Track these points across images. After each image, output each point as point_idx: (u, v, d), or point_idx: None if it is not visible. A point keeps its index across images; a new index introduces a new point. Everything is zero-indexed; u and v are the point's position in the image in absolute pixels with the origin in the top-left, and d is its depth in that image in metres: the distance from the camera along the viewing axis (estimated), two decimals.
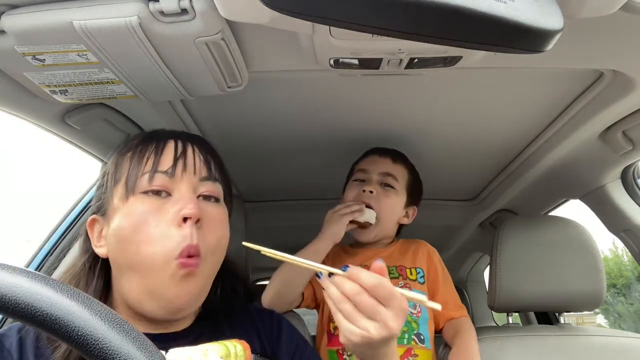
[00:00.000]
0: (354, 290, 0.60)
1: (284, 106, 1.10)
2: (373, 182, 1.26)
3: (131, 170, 0.71)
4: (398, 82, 0.96)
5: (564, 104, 1.06)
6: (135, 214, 0.68)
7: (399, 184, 1.28)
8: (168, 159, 0.71)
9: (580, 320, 8.14)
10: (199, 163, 0.73)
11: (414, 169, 1.34)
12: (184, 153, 0.73)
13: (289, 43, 0.74)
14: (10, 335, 0.68)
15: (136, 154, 0.72)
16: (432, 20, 0.48)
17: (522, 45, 0.52)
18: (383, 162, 1.29)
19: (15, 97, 0.82)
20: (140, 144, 0.74)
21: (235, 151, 1.35)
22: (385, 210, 1.25)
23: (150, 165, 0.70)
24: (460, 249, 2.45)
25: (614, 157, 1.19)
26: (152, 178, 0.69)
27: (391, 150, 1.32)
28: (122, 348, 0.37)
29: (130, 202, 0.69)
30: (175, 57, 0.72)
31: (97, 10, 0.62)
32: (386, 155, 1.30)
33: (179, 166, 0.71)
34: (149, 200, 0.69)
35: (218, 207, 0.75)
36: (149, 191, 0.69)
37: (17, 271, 0.39)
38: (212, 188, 0.74)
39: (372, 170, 1.28)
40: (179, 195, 0.70)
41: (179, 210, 0.68)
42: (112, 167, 0.74)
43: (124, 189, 0.70)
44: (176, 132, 0.78)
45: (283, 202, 1.83)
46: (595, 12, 0.58)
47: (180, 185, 0.71)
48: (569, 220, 1.29)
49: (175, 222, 0.67)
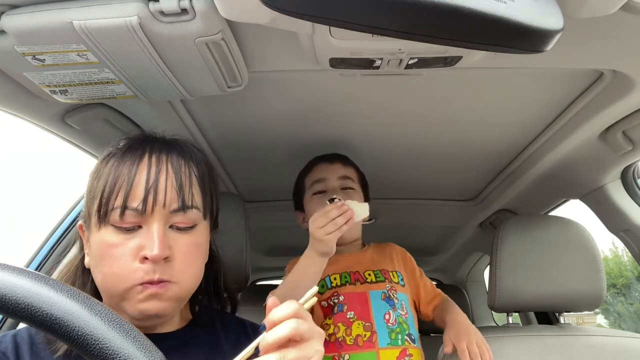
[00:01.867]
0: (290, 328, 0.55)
1: (284, 106, 1.10)
2: (335, 188, 1.26)
3: (104, 197, 0.69)
4: (398, 82, 0.96)
5: (564, 104, 1.06)
6: (104, 246, 0.68)
7: (355, 183, 1.30)
8: (139, 191, 0.69)
9: (580, 320, 8.14)
10: (170, 193, 0.71)
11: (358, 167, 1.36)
12: (155, 182, 0.70)
13: (289, 43, 0.74)
14: (4, 340, 0.69)
15: (110, 177, 0.70)
16: (432, 20, 0.48)
17: (522, 45, 0.52)
18: (336, 167, 1.30)
19: (15, 97, 0.82)
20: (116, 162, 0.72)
21: (235, 151, 1.35)
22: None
23: (121, 199, 0.69)
24: (460, 249, 2.45)
25: (614, 157, 1.19)
26: (122, 214, 0.68)
27: (335, 154, 1.33)
28: (122, 348, 0.37)
29: (102, 231, 0.69)
30: (175, 57, 0.72)
31: (97, 10, 0.62)
32: (336, 161, 1.31)
33: (149, 200, 0.69)
34: (117, 234, 0.69)
35: (192, 235, 0.73)
36: (120, 227, 0.69)
37: (17, 271, 0.39)
38: (184, 219, 0.72)
39: (330, 178, 1.27)
40: (146, 231, 0.69)
41: (143, 250, 0.67)
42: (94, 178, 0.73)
43: (97, 216, 0.70)
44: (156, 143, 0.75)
45: (283, 202, 1.82)
46: (595, 12, 0.58)
47: (151, 219, 0.69)
48: (569, 220, 1.29)
49: (139, 258, 0.68)
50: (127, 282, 0.67)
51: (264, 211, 1.83)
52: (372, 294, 1.24)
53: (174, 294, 0.69)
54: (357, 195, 1.28)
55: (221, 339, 0.80)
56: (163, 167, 0.71)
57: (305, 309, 0.59)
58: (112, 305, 0.69)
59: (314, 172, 1.32)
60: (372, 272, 1.29)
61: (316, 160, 1.33)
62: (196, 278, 0.74)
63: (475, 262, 2.69)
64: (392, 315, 1.23)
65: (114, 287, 0.68)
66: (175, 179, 0.72)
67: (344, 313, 1.23)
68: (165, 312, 0.70)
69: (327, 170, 1.29)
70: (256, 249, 2.39)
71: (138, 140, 0.75)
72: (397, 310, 1.24)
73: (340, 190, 1.26)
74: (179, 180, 0.72)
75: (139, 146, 0.73)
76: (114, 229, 0.69)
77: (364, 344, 1.19)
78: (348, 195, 1.25)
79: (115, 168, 0.71)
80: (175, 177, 0.72)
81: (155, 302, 0.68)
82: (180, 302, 0.73)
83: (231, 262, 1.13)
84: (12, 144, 24.44)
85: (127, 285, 0.67)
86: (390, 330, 1.21)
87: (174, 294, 0.69)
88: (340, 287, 1.26)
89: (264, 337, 0.56)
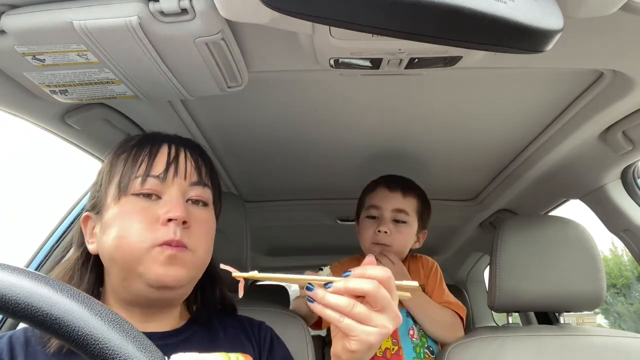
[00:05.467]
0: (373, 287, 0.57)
1: (284, 106, 1.10)
2: (386, 220, 1.31)
3: (125, 172, 0.73)
4: (398, 82, 0.96)
5: (564, 104, 1.06)
6: (124, 213, 0.71)
7: (411, 216, 1.33)
8: (161, 163, 0.74)
9: (580, 320, 8.13)
10: (190, 168, 0.76)
11: (422, 195, 1.38)
12: (176, 158, 0.75)
13: (289, 43, 0.74)
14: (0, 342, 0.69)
15: (130, 157, 0.74)
16: (432, 20, 0.48)
17: (522, 45, 0.52)
18: (394, 197, 1.33)
19: (15, 97, 0.82)
20: (135, 146, 0.76)
21: (235, 151, 1.35)
22: (398, 246, 1.31)
23: (143, 169, 0.73)
24: (460, 249, 2.45)
25: (614, 157, 1.18)
26: (144, 182, 0.72)
27: (401, 181, 1.36)
28: (122, 348, 0.37)
29: (121, 202, 0.72)
30: (175, 57, 0.72)
31: (97, 10, 0.62)
32: (396, 190, 1.33)
33: (171, 171, 0.74)
34: (139, 202, 0.72)
35: (206, 211, 0.78)
36: (140, 194, 0.72)
37: (17, 271, 0.39)
38: (201, 193, 0.77)
39: (385, 207, 1.32)
40: (168, 199, 0.72)
41: (166, 212, 0.70)
42: (107, 167, 0.77)
43: (117, 189, 0.73)
44: (170, 136, 0.80)
45: (283, 202, 1.83)
46: (595, 12, 0.58)
47: (170, 189, 0.73)
48: (569, 220, 1.29)
49: (160, 221, 0.70)
50: (148, 242, 0.68)
51: (264, 211, 1.83)
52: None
53: (190, 261, 0.72)
54: (409, 228, 1.33)
55: (220, 336, 0.80)
56: (181, 149, 0.77)
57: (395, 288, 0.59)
58: (127, 272, 0.70)
59: (374, 194, 1.36)
60: None
61: (381, 182, 1.37)
62: (208, 253, 0.77)
63: (475, 262, 2.69)
64: (415, 330, 1.29)
65: (134, 247, 0.68)
66: (192, 158, 0.77)
67: None
68: (180, 283, 0.71)
69: (384, 199, 1.33)
70: (256, 249, 2.39)
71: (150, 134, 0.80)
72: (418, 324, 1.29)
73: (392, 222, 1.31)
74: (197, 160, 0.78)
75: (155, 137, 0.78)
76: (135, 197, 0.72)
77: (392, 357, 1.25)
78: (398, 228, 1.31)
79: (134, 152, 0.75)
80: (192, 157, 0.78)
81: (173, 267, 0.69)
82: (191, 275, 0.74)
83: (231, 262, 1.12)
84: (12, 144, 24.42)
85: (147, 244, 0.68)
86: (414, 345, 1.27)
87: (189, 261, 0.72)
88: None
89: (345, 280, 0.58)
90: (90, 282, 0.75)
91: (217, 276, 0.85)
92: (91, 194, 0.80)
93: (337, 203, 1.79)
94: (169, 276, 0.69)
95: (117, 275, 0.72)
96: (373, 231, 1.31)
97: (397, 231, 1.31)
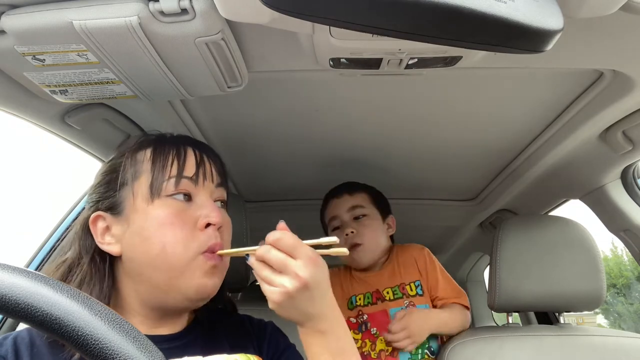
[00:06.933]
0: (264, 250, 0.64)
1: (284, 106, 1.10)
2: (347, 222, 1.36)
3: (155, 172, 0.72)
4: (398, 82, 0.96)
5: (564, 104, 1.06)
6: (162, 217, 0.70)
7: (367, 208, 1.37)
8: (191, 165, 0.75)
9: (580, 320, 8.14)
10: (214, 170, 0.78)
11: (369, 188, 1.43)
12: (202, 160, 0.76)
13: (289, 43, 0.74)
14: (5, 343, 0.68)
15: (157, 156, 0.74)
16: (432, 20, 0.48)
17: (522, 45, 0.52)
18: (343, 200, 1.39)
19: (15, 97, 0.82)
20: (158, 146, 0.76)
21: (235, 151, 1.35)
22: (370, 239, 1.35)
23: (175, 170, 0.73)
24: (460, 249, 2.45)
25: (614, 157, 1.18)
26: (178, 183, 0.72)
27: (343, 185, 1.42)
28: (122, 348, 0.37)
29: (155, 204, 0.71)
30: (175, 57, 0.72)
31: (97, 10, 0.62)
32: (341, 194, 1.40)
33: (201, 172, 0.75)
34: (175, 204, 0.71)
35: (226, 212, 0.80)
36: (175, 194, 0.72)
37: (17, 271, 0.39)
38: (223, 194, 0.80)
39: (340, 213, 1.37)
40: (200, 202, 0.73)
41: (205, 216, 0.72)
42: (128, 165, 0.74)
43: (148, 191, 0.71)
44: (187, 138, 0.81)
45: (283, 202, 1.83)
46: (595, 12, 0.58)
47: (201, 191, 0.74)
48: (569, 220, 1.29)
49: (199, 226, 0.71)
50: (192, 250, 0.69)
51: (264, 211, 1.83)
52: (392, 311, 1.31)
53: (224, 269, 0.74)
54: (372, 219, 1.37)
55: (222, 336, 0.80)
56: (203, 152, 0.78)
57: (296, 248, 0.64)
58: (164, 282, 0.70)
59: (327, 210, 1.43)
60: (391, 290, 1.36)
61: (328, 197, 1.44)
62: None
63: (475, 262, 2.69)
64: None
65: (180, 255, 0.69)
66: (213, 160, 0.79)
67: (369, 330, 1.32)
68: (215, 292, 0.73)
69: (336, 207, 1.39)
70: None
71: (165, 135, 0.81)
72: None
73: (353, 221, 1.36)
74: (217, 162, 0.80)
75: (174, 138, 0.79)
76: (170, 199, 0.72)
77: (386, 358, 1.27)
78: (361, 223, 1.35)
79: (159, 152, 0.75)
80: (213, 159, 0.79)
81: (213, 278, 0.71)
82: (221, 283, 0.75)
83: (231, 262, 1.13)
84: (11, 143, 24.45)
85: (192, 252, 0.69)
86: None
87: (223, 269, 0.74)
88: (364, 307, 1.35)
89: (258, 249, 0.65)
90: (109, 286, 0.72)
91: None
92: (101, 194, 0.75)
93: None
94: (209, 287, 0.71)
95: (150, 283, 0.70)
96: (342, 239, 1.34)
97: (362, 226, 1.35)
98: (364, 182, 1.45)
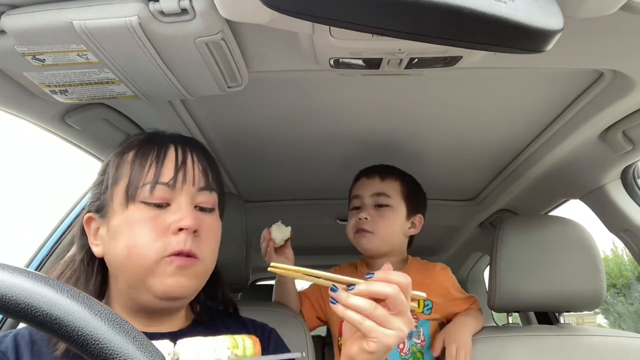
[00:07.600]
0: (394, 292, 0.60)
1: (284, 106, 1.10)
2: (367, 206, 1.29)
3: (132, 176, 0.72)
4: (398, 82, 0.96)
5: (564, 104, 1.06)
6: (133, 221, 0.70)
7: (393, 199, 1.29)
8: (169, 169, 0.73)
9: (580, 320, 8.14)
10: (197, 173, 0.75)
11: (407, 178, 1.34)
12: (184, 163, 0.74)
13: (289, 43, 0.74)
14: (5, 340, 0.69)
15: (137, 159, 0.73)
16: (432, 20, 0.48)
17: (522, 45, 0.52)
18: (372, 183, 1.30)
19: (15, 97, 0.82)
20: (142, 147, 0.75)
21: (235, 151, 1.35)
22: (382, 231, 1.27)
23: (151, 176, 0.72)
24: (460, 249, 2.45)
25: (614, 157, 1.18)
26: (153, 189, 0.71)
27: (378, 167, 1.33)
28: (122, 348, 0.37)
29: (130, 209, 0.71)
30: (175, 57, 0.72)
31: (97, 10, 0.62)
32: (374, 175, 1.31)
33: (180, 177, 0.73)
34: (148, 210, 0.71)
35: (212, 217, 0.78)
36: (150, 203, 0.71)
37: (17, 271, 0.39)
38: (209, 198, 0.76)
39: (364, 195, 1.30)
40: (177, 207, 0.72)
41: (177, 221, 0.70)
42: (113, 168, 0.75)
43: (124, 195, 0.71)
44: (176, 136, 0.79)
45: (283, 202, 1.83)
46: (595, 12, 0.58)
47: (179, 196, 0.73)
48: (569, 220, 1.29)
49: (171, 231, 0.70)
50: (159, 253, 0.68)
51: (264, 211, 1.83)
52: None
53: (198, 271, 0.72)
54: (394, 212, 1.28)
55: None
56: (188, 152, 0.76)
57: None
58: (135, 283, 0.70)
59: (354, 186, 1.35)
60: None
61: (359, 174, 1.36)
62: (215, 259, 0.77)
63: (475, 262, 2.69)
64: (407, 344, 1.25)
65: (144, 258, 0.68)
66: (199, 162, 0.76)
67: None
68: (187, 293, 0.72)
69: (363, 187, 1.31)
70: (256, 249, 2.39)
71: (155, 134, 0.79)
72: (412, 339, 1.25)
73: (373, 208, 1.28)
74: (204, 163, 0.77)
75: (160, 137, 0.77)
76: (144, 206, 0.71)
77: None
78: (380, 213, 1.27)
79: (140, 154, 0.74)
80: (199, 160, 0.76)
81: (182, 278, 0.69)
82: (199, 284, 0.74)
83: (231, 262, 1.13)
84: (11, 143, 24.42)
85: (158, 256, 0.68)
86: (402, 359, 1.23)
87: (198, 271, 0.72)
88: None
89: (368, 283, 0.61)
90: (96, 285, 0.74)
91: (219, 277, 0.85)
92: (94, 195, 0.78)
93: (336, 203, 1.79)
94: (178, 287, 0.70)
95: (124, 283, 0.71)
96: (355, 220, 1.29)
97: (380, 215, 1.27)
98: None
